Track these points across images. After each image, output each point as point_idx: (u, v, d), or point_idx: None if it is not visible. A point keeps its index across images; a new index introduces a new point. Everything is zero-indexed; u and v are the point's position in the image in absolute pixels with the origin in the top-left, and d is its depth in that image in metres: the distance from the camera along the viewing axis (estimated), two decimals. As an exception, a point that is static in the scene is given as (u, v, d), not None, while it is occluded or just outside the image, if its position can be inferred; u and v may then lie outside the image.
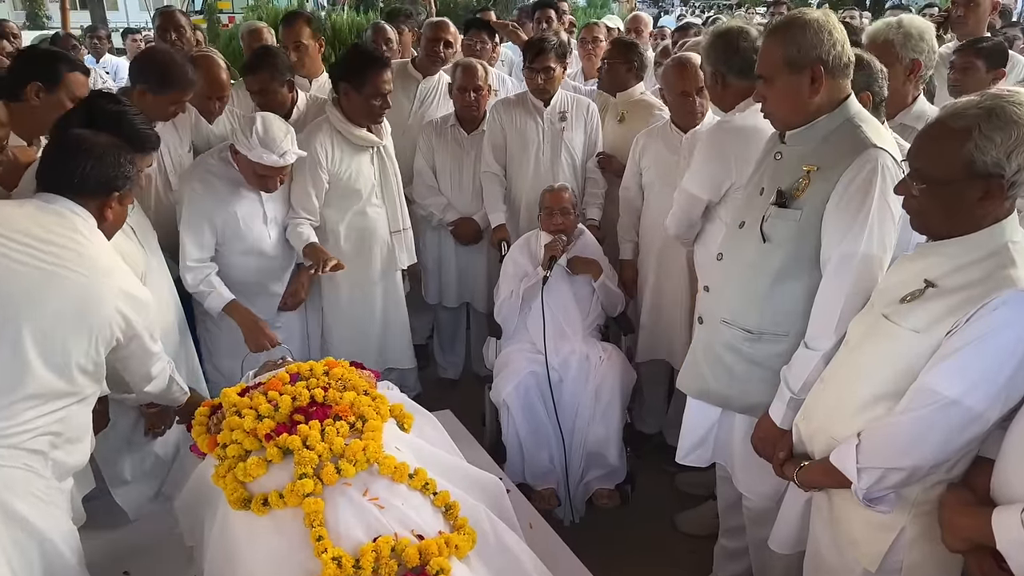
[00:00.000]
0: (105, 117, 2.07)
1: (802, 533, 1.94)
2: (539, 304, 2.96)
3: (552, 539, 2.29)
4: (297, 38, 3.60)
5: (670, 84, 2.98)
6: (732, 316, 2.09)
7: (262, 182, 2.75)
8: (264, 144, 2.64)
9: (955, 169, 1.47)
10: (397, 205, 3.25)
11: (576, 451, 2.92)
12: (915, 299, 1.55)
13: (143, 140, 2.13)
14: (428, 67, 3.84)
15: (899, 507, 1.57)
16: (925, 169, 1.53)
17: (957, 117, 1.48)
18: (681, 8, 23.30)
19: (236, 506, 1.70)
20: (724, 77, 2.48)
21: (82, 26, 11.98)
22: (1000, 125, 1.42)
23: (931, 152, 1.52)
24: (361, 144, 3.07)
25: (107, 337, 1.77)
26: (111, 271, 1.80)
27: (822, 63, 1.85)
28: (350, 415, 1.87)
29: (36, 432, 1.66)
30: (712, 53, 2.48)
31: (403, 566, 1.55)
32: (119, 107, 2.16)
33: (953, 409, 1.41)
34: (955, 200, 1.50)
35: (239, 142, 2.67)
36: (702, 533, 2.85)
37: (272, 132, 2.66)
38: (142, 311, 1.87)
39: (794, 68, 1.88)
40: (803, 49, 1.86)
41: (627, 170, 3.28)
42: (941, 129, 1.50)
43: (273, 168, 2.69)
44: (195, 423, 2.03)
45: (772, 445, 1.93)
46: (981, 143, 1.43)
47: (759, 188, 2.07)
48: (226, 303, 2.76)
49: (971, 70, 3.07)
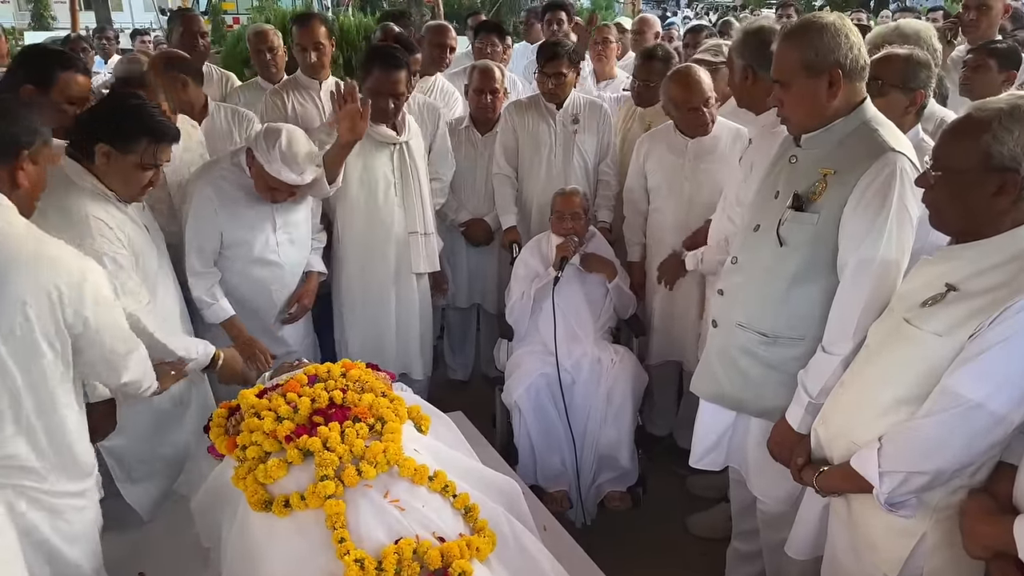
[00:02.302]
0: (126, 110, 2.11)
1: (819, 539, 1.93)
2: (550, 306, 2.96)
3: (566, 541, 2.30)
4: (316, 38, 3.48)
5: (677, 101, 2.95)
6: (747, 320, 2.08)
7: (271, 194, 2.67)
8: (285, 160, 2.56)
9: (972, 159, 1.48)
10: (417, 206, 3.18)
11: (588, 453, 2.92)
12: (936, 303, 1.55)
13: (164, 130, 2.15)
14: (429, 68, 3.85)
15: (921, 512, 1.56)
16: (944, 158, 1.55)
17: (981, 109, 1.51)
18: (686, 10, 23.28)
19: (257, 508, 1.71)
20: (756, 73, 2.45)
21: (87, 27, 12.02)
22: (1020, 119, 1.44)
23: (951, 141, 1.54)
24: (380, 140, 3.03)
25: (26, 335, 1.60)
26: (37, 260, 1.62)
27: (840, 67, 1.85)
28: (369, 417, 1.88)
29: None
30: (746, 49, 2.43)
31: (425, 568, 1.56)
32: (139, 100, 2.18)
33: (976, 412, 1.41)
34: (969, 192, 1.50)
35: (259, 149, 2.59)
36: (714, 536, 2.84)
37: (295, 148, 2.58)
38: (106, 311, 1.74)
39: (812, 72, 1.88)
40: (821, 53, 1.86)
41: (631, 172, 3.28)
42: (966, 120, 1.53)
43: (287, 184, 2.63)
44: (213, 424, 2.04)
45: (789, 450, 1.93)
46: (1000, 134, 1.45)
47: (774, 191, 2.06)
48: (226, 317, 2.71)
49: (983, 69, 3.08)
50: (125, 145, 2.10)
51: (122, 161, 2.11)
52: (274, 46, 3.87)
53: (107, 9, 18.41)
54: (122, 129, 2.10)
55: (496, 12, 12.06)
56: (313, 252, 3.02)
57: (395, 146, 3.10)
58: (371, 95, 2.90)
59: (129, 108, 2.13)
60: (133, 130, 2.10)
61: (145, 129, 2.11)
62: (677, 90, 2.95)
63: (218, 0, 15.18)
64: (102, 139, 2.09)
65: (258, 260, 2.80)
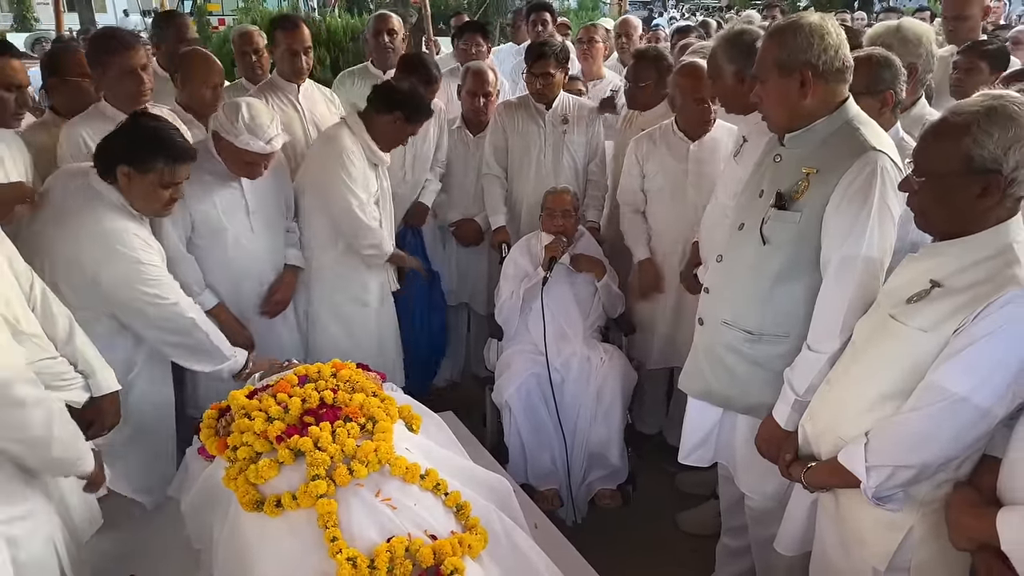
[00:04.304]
0: (145, 132, 2.25)
1: (808, 534, 1.95)
2: (539, 305, 2.98)
3: (557, 539, 2.31)
4: (305, 42, 3.45)
5: (686, 91, 2.94)
6: (733, 318, 2.10)
7: (248, 169, 2.69)
8: (251, 130, 2.59)
9: (953, 163, 1.50)
10: (389, 223, 3.20)
11: (578, 452, 2.94)
12: (921, 299, 1.57)
13: (181, 152, 2.29)
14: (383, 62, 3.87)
15: (908, 506, 1.59)
16: (926, 163, 1.56)
17: (958, 113, 1.52)
18: (672, 11, 23.35)
19: (248, 508, 1.71)
20: (747, 77, 2.46)
21: (71, 28, 11.91)
22: (998, 121, 1.46)
23: (932, 146, 1.56)
24: (374, 161, 3.04)
25: None
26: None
27: (811, 67, 1.86)
28: (360, 416, 1.88)
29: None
30: (736, 53, 2.43)
31: (418, 566, 1.57)
32: (157, 123, 2.32)
33: (962, 406, 1.44)
34: (954, 195, 1.52)
35: (223, 129, 2.61)
36: (704, 532, 2.87)
37: (259, 118, 2.62)
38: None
39: (784, 71, 1.90)
40: (793, 53, 1.87)
41: (626, 172, 3.23)
42: (943, 124, 1.54)
43: (260, 155, 2.65)
44: (203, 426, 2.04)
45: (776, 447, 1.95)
46: (979, 137, 1.46)
47: (758, 190, 2.08)
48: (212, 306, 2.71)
49: (974, 71, 3.09)
50: (143, 165, 2.24)
51: (142, 181, 2.26)
52: (259, 47, 3.82)
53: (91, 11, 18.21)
54: (140, 151, 2.24)
55: (483, 13, 12.05)
56: (289, 245, 3.02)
57: (379, 167, 3.09)
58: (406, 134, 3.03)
59: (146, 131, 2.27)
60: (150, 151, 2.24)
61: (161, 150, 2.25)
62: (687, 81, 2.93)
63: (203, 1, 15.09)
64: (122, 161, 2.24)
65: (232, 244, 2.79)
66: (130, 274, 2.30)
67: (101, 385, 2.04)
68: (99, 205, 2.28)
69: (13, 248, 1.92)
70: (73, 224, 2.26)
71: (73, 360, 1.98)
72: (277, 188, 2.95)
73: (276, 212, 2.96)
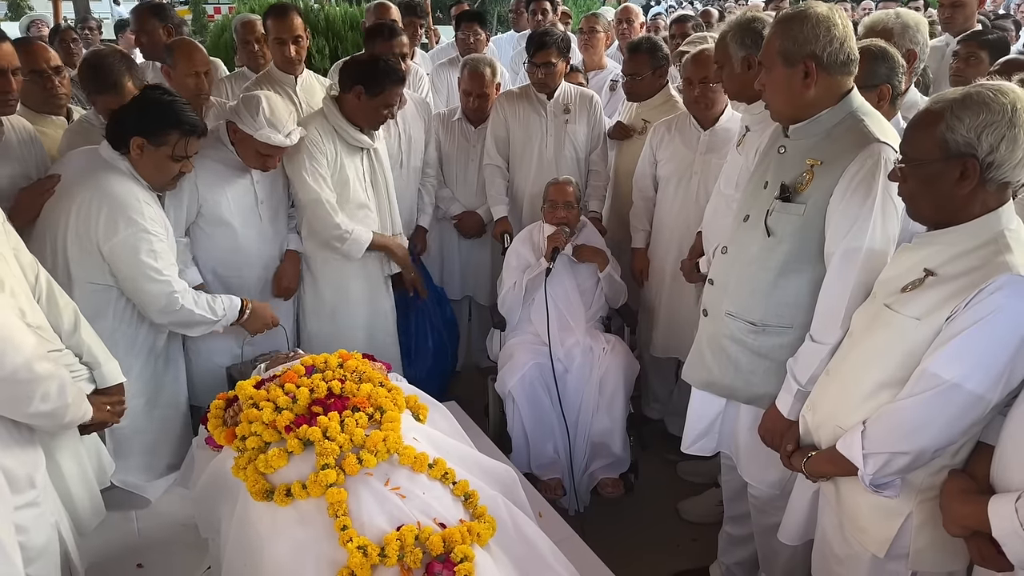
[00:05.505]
0: (157, 105, 2.31)
1: (810, 524, 1.97)
2: (542, 296, 2.99)
3: (562, 527, 2.34)
4: (295, 31, 3.38)
5: (691, 75, 2.94)
6: (736, 309, 2.11)
7: (263, 161, 2.73)
8: (271, 124, 2.64)
9: (931, 149, 1.53)
10: (387, 210, 3.17)
11: (580, 441, 2.96)
12: (915, 288, 1.59)
13: (194, 125, 2.35)
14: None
15: (905, 493, 1.61)
16: (909, 151, 1.60)
17: (937, 101, 1.55)
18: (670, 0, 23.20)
19: (258, 497, 1.73)
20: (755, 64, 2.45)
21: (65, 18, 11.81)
22: (971, 106, 1.49)
23: (912, 134, 1.59)
24: (355, 145, 2.98)
25: None
26: None
27: (815, 58, 1.87)
28: (368, 406, 1.90)
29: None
30: (747, 38, 2.41)
31: (427, 554, 1.58)
32: (170, 96, 2.38)
33: (955, 392, 1.46)
34: (936, 181, 1.55)
35: (243, 121, 2.65)
36: (706, 521, 2.90)
37: (279, 112, 2.68)
38: None
39: (788, 61, 1.90)
40: (798, 43, 1.88)
41: (642, 158, 3.26)
42: (922, 113, 1.58)
43: (278, 148, 2.69)
44: (211, 416, 2.05)
45: (779, 436, 1.97)
46: (952, 123, 1.49)
47: (763, 182, 2.09)
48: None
49: (975, 60, 3.11)
50: (157, 138, 2.31)
51: (155, 153, 2.33)
52: (260, 36, 3.83)
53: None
54: (154, 123, 2.31)
55: (482, 2, 11.98)
56: (290, 231, 3.04)
57: (364, 151, 3.04)
58: (378, 107, 2.89)
59: (161, 103, 2.33)
60: (164, 124, 2.31)
61: (175, 123, 2.32)
62: (692, 66, 2.94)
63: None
64: (136, 133, 2.31)
65: (240, 233, 2.82)
66: (137, 243, 2.33)
67: (106, 376, 2.05)
68: (111, 172, 2.33)
69: (19, 239, 1.93)
70: (83, 193, 2.30)
71: (78, 351, 1.99)
72: (283, 177, 2.97)
73: (282, 201, 3.00)
